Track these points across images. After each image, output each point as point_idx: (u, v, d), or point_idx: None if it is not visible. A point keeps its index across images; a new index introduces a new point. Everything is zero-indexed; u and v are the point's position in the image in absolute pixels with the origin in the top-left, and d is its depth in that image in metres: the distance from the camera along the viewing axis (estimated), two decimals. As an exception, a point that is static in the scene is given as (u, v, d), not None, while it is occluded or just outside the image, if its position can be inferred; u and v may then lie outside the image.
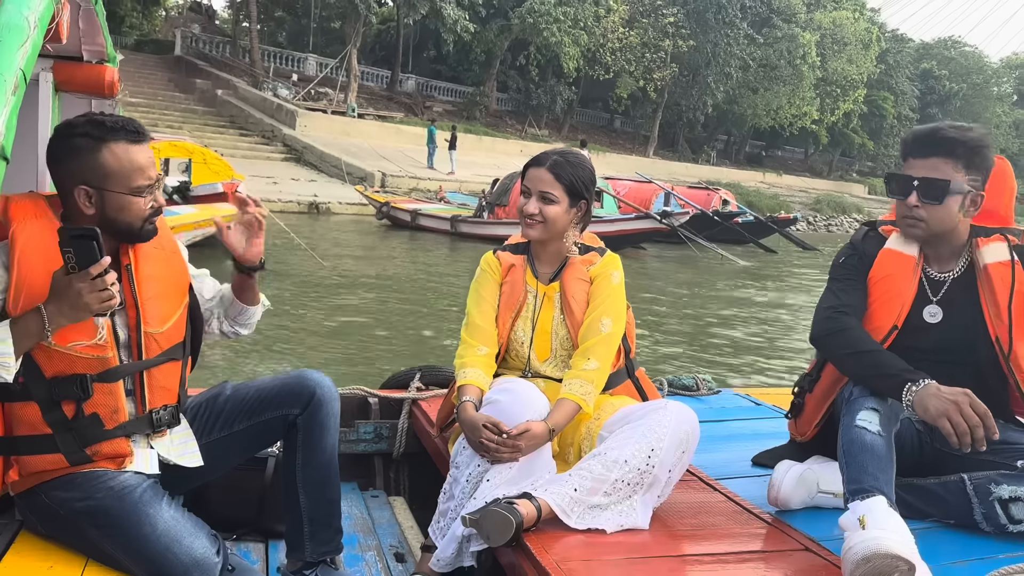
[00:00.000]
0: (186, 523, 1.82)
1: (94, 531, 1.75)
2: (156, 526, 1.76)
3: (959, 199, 2.04)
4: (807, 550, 1.95)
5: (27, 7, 1.24)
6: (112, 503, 1.74)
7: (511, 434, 2.01)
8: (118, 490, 1.76)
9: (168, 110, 28.05)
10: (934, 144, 2.05)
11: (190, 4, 42.88)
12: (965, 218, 2.09)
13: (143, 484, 1.80)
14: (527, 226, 2.29)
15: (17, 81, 1.17)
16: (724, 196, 24.03)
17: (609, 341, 2.24)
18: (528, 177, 2.30)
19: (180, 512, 1.84)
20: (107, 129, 1.77)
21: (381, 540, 2.52)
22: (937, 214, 2.06)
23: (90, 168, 1.76)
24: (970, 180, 2.04)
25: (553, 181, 2.25)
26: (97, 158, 1.76)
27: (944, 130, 2.05)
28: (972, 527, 2.02)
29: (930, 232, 2.10)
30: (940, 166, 2.03)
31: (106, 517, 1.74)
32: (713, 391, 3.42)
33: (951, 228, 2.09)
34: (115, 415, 1.81)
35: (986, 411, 1.82)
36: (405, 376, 3.18)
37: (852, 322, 2.09)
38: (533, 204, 2.26)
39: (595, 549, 1.88)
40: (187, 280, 2.03)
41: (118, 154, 1.78)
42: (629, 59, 38.08)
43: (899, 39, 55.83)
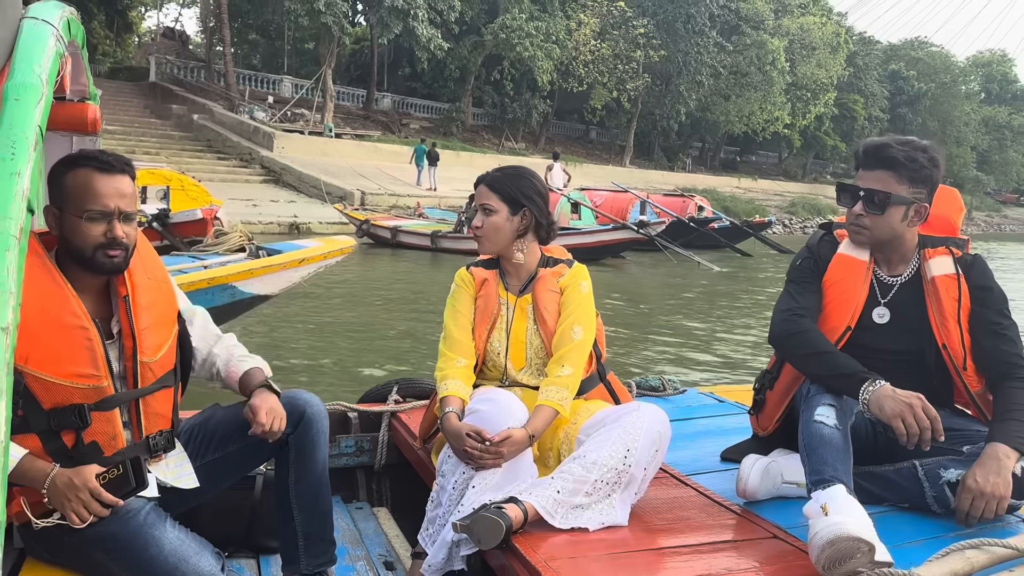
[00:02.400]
0: (191, 542, 1.87)
1: (102, 555, 1.79)
2: (163, 547, 1.80)
3: (902, 210, 2.19)
4: (775, 537, 2.07)
5: (39, 65, 1.31)
6: (118, 527, 1.78)
7: (494, 441, 2.11)
8: (122, 514, 1.78)
9: (145, 136, 27.94)
10: (880, 159, 2.20)
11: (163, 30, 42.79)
12: (910, 228, 2.23)
13: (146, 507, 1.84)
14: (477, 241, 2.46)
15: (37, 138, 1.23)
16: (699, 203, 24.30)
17: (581, 348, 2.35)
18: (475, 196, 2.47)
19: (184, 532, 1.88)
20: (80, 157, 1.87)
21: (369, 550, 2.59)
22: (880, 223, 2.21)
23: (56, 189, 1.85)
24: (914, 193, 2.18)
25: (489, 193, 2.41)
26: (63, 180, 1.84)
27: (890, 146, 2.19)
28: (924, 509, 2.14)
29: (874, 239, 2.25)
30: (885, 179, 2.18)
31: (113, 541, 1.78)
32: (679, 391, 3.52)
33: (895, 236, 2.24)
34: (113, 442, 1.86)
35: (936, 416, 1.98)
36: (383, 389, 3.25)
37: (809, 324, 2.23)
38: (477, 218, 2.43)
39: (580, 547, 1.97)
40: (176, 308, 2.07)
41: (78, 177, 1.83)
42: (602, 71, 38.36)
43: (867, 41, 56.45)
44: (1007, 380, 2.17)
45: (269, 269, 5.87)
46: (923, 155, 2.18)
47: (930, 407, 2.00)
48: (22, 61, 1.29)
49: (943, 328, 2.22)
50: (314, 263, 6.39)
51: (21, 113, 1.22)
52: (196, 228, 11.50)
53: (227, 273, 5.46)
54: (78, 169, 1.84)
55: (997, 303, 2.23)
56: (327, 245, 6.63)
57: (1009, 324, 2.22)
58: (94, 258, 1.85)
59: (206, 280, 5.27)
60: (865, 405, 2.05)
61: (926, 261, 2.27)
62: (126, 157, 1.94)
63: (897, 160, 2.17)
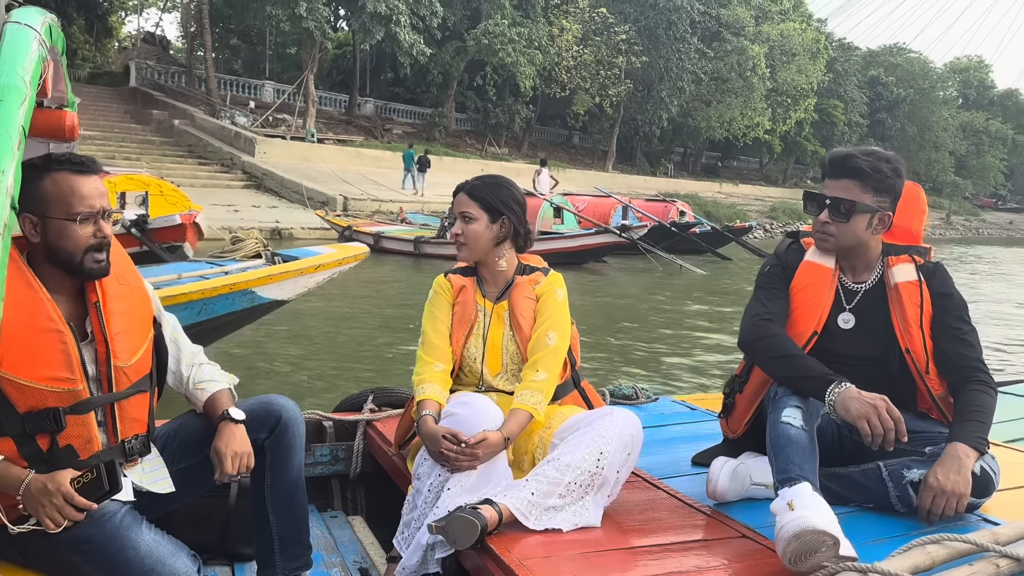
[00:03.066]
0: (167, 544, 1.87)
1: (77, 558, 1.78)
2: (139, 549, 1.80)
3: (866, 218, 2.26)
4: (744, 536, 2.12)
5: (22, 68, 1.33)
6: (93, 530, 1.77)
7: (469, 443, 2.14)
8: (97, 517, 1.78)
9: (125, 142, 27.79)
10: (846, 168, 2.26)
11: (144, 35, 42.55)
12: (875, 235, 2.30)
13: (121, 510, 1.84)
14: (457, 248, 2.51)
15: (20, 137, 1.26)
16: (681, 207, 24.48)
17: (556, 354, 2.41)
18: (454, 205, 2.51)
19: (160, 534, 1.89)
20: (52, 160, 1.86)
21: (345, 557, 2.60)
22: (845, 230, 2.27)
23: (34, 196, 1.82)
24: (878, 201, 2.25)
25: (469, 201, 2.47)
26: (40, 186, 1.83)
27: (855, 157, 2.26)
28: (889, 509, 2.20)
29: (839, 246, 2.31)
30: (850, 188, 2.25)
31: (89, 544, 1.78)
32: (651, 399, 3.58)
33: (860, 244, 2.30)
34: (89, 445, 1.86)
35: (899, 417, 2.05)
36: (358, 399, 3.27)
37: (777, 328, 2.29)
38: (457, 226, 2.48)
39: (553, 547, 2.01)
40: (151, 314, 2.08)
41: (59, 181, 1.84)
42: (584, 76, 38.57)
43: (846, 48, 57.15)
44: (967, 383, 2.24)
45: (287, 275, 5.94)
46: (887, 165, 2.25)
47: (894, 408, 2.06)
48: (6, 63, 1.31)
49: (906, 333, 2.28)
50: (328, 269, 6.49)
51: (5, 113, 1.24)
52: (175, 234, 11.48)
53: (248, 279, 5.54)
54: (56, 173, 1.85)
55: (957, 309, 2.30)
56: (341, 251, 6.74)
57: (969, 329, 2.30)
58: (83, 262, 1.87)
59: (228, 285, 5.34)
60: (831, 406, 2.11)
61: (890, 268, 2.34)
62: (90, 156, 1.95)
63: (862, 170, 2.24)
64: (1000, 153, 70.01)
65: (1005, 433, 3.11)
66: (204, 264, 6.23)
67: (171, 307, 5.00)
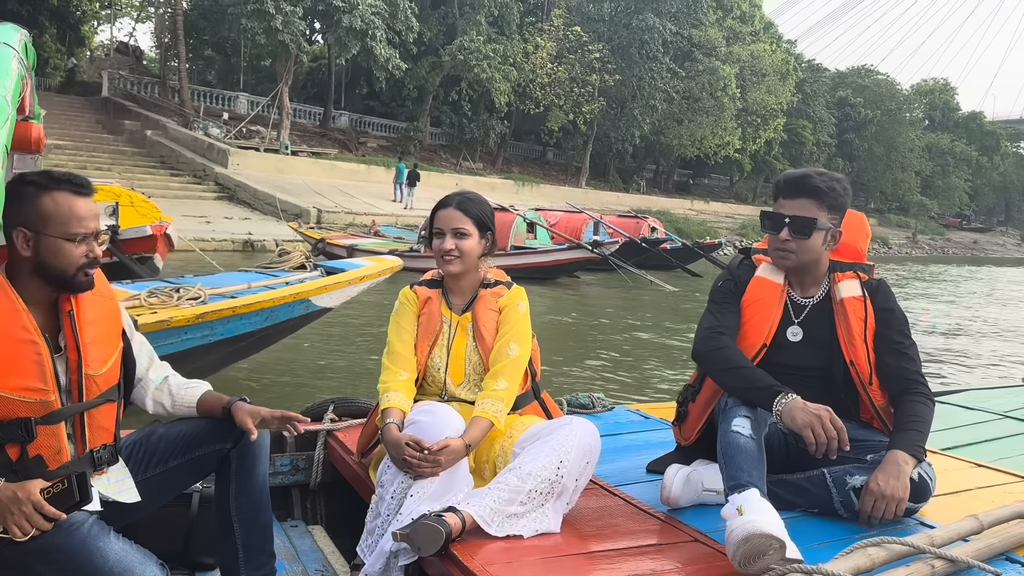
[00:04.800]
0: (135, 554, 1.87)
1: (44, 567, 1.78)
2: (107, 558, 1.80)
3: (823, 235, 2.38)
4: (696, 541, 2.20)
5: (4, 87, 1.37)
6: (61, 540, 1.77)
7: (432, 450, 2.18)
8: (65, 527, 1.77)
9: (96, 152, 27.55)
10: (804, 188, 2.38)
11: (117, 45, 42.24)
12: (826, 251, 2.42)
13: (89, 520, 1.83)
14: (446, 263, 2.52)
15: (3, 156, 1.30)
16: (652, 224, 24.73)
17: (517, 364, 2.47)
18: (439, 219, 2.54)
19: (128, 544, 1.88)
20: (53, 179, 1.89)
21: (306, 566, 2.62)
22: (805, 247, 2.39)
23: (30, 212, 1.85)
24: (832, 219, 2.38)
25: (463, 217, 2.51)
26: (38, 203, 1.86)
27: (812, 177, 2.38)
28: (832, 514, 2.30)
29: (799, 263, 2.43)
30: (808, 206, 2.37)
31: (56, 553, 1.77)
32: (607, 408, 3.65)
33: (816, 259, 2.42)
34: (58, 456, 1.87)
35: (842, 427, 2.16)
36: (319, 408, 3.27)
37: (728, 341, 2.40)
38: (449, 241, 2.50)
39: (515, 552, 2.06)
40: (120, 325, 2.11)
41: (58, 201, 1.87)
42: (558, 93, 38.87)
43: (815, 69, 58.01)
44: (906, 395, 2.36)
45: (339, 285, 6.33)
46: (839, 185, 2.38)
47: (837, 419, 2.17)
48: None
49: (851, 346, 2.39)
50: (370, 280, 6.90)
51: None
52: (145, 244, 11.40)
53: (307, 289, 5.89)
54: (54, 192, 1.88)
55: (899, 324, 2.42)
56: (380, 264, 7.17)
57: (909, 344, 2.42)
58: (75, 278, 1.91)
59: (291, 295, 5.66)
60: (778, 416, 2.22)
61: (836, 284, 2.46)
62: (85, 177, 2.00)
63: (819, 189, 2.36)
64: (965, 174, 71.28)
65: (942, 441, 3.24)
66: (255, 275, 6.46)
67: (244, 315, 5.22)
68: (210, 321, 5.16)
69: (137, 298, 5.21)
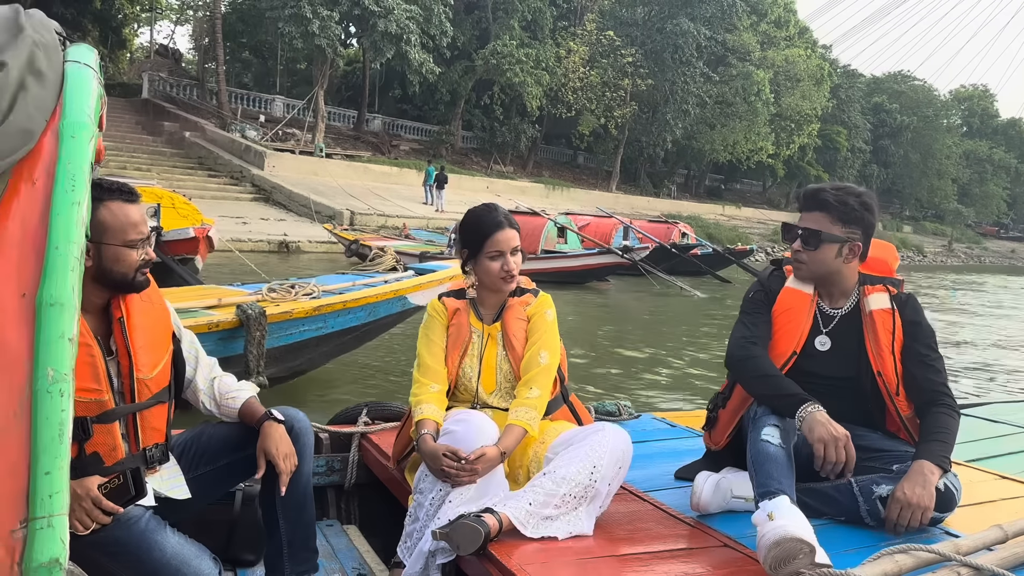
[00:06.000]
0: (191, 547, 1.97)
1: (106, 559, 1.87)
2: (165, 551, 1.90)
3: (835, 248, 2.44)
4: (725, 546, 2.25)
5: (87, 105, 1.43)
6: (121, 533, 1.87)
7: (468, 459, 2.25)
8: (124, 521, 1.87)
9: (137, 152, 28.07)
10: (816, 202, 2.46)
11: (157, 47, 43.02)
12: (847, 264, 2.47)
13: (145, 515, 1.93)
14: (507, 283, 2.58)
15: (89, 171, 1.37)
16: (683, 229, 24.66)
17: (548, 371, 2.53)
18: (498, 242, 2.55)
19: (183, 538, 1.98)
20: (104, 190, 1.98)
21: (344, 564, 2.70)
22: (815, 258, 2.46)
23: (91, 224, 1.98)
24: (847, 232, 2.43)
25: (516, 234, 2.60)
26: (95, 215, 1.92)
27: (824, 191, 2.46)
28: (859, 522, 2.35)
29: (811, 273, 2.50)
30: (820, 219, 2.44)
31: (117, 545, 1.87)
32: (633, 416, 3.70)
33: (831, 271, 2.48)
34: (113, 453, 1.98)
35: (852, 456, 2.23)
36: (352, 412, 3.36)
37: (759, 351, 2.47)
38: (511, 262, 2.56)
39: (550, 554, 2.13)
40: (171, 329, 2.20)
41: (114, 211, 1.97)
42: (590, 97, 38.90)
43: (851, 74, 57.43)
44: (933, 406, 2.40)
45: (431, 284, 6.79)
46: (854, 199, 2.43)
47: (851, 446, 2.23)
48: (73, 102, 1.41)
49: (879, 357, 2.45)
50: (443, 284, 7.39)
51: (77, 149, 1.35)
52: (188, 246, 11.63)
53: (404, 287, 6.34)
54: (110, 203, 1.98)
55: (926, 337, 2.47)
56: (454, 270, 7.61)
57: (936, 356, 2.47)
58: (135, 280, 2.03)
59: (391, 292, 6.10)
60: (800, 422, 2.28)
61: (865, 296, 2.51)
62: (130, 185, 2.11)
63: (829, 203, 2.43)
64: (1003, 182, 70.14)
65: (966, 453, 3.27)
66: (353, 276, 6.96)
67: (350, 310, 5.69)
68: (324, 314, 5.52)
69: (259, 293, 5.75)
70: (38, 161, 1.30)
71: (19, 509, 1.15)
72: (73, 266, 1.23)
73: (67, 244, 1.24)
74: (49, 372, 1.19)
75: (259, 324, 5.11)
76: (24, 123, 1.25)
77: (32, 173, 1.29)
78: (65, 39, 1.50)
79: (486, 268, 2.58)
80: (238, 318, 5.07)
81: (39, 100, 1.30)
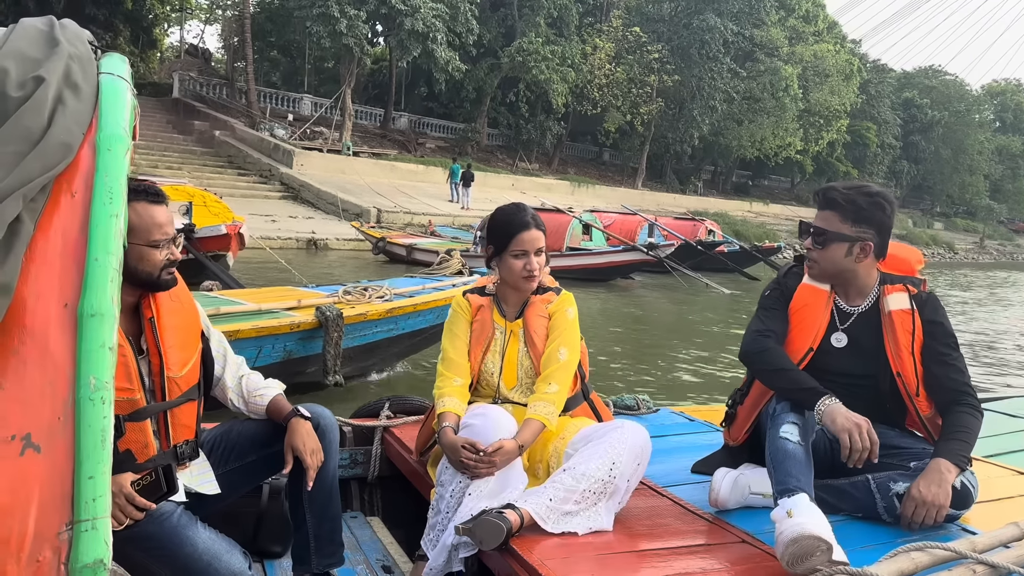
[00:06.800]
0: (222, 542, 2.01)
1: (140, 553, 1.90)
2: (196, 545, 1.94)
3: (844, 246, 2.45)
4: (743, 542, 2.27)
5: (122, 118, 1.44)
6: (154, 528, 1.91)
7: (487, 452, 2.29)
8: (156, 516, 1.91)
9: (168, 151, 28.44)
10: (826, 201, 2.48)
11: (186, 47, 43.52)
12: (859, 263, 2.48)
13: (177, 510, 1.97)
14: (530, 282, 2.61)
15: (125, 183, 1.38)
16: (710, 226, 24.54)
17: (567, 368, 2.56)
18: (522, 241, 2.59)
19: (214, 532, 2.02)
20: (130, 191, 1.99)
21: (368, 555, 2.75)
22: (824, 257, 2.48)
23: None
24: (858, 231, 2.44)
25: (542, 236, 2.63)
26: None
27: (834, 190, 2.47)
28: (876, 518, 2.37)
29: (822, 271, 2.52)
30: (830, 218, 2.46)
31: (150, 541, 1.90)
32: (652, 410, 3.71)
33: (843, 270, 2.49)
34: (145, 450, 2.02)
35: (876, 441, 2.24)
36: (375, 406, 3.40)
37: (773, 344, 2.49)
38: (534, 262, 2.59)
39: (570, 549, 2.16)
40: (199, 328, 2.24)
41: (139, 211, 1.99)
42: (616, 94, 38.78)
43: (880, 69, 56.67)
44: (955, 405, 2.41)
45: None
46: (864, 198, 2.43)
47: (873, 432, 2.25)
48: (108, 115, 1.42)
49: (898, 358, 2.46)
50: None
51: (114, 162, 1.36)
52: (220, 243, 11.87)
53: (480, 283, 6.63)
54: (136, 204, 1.98)
55: (946, 336, 2.48)
56: None
57: (957, 356, 2.47)
58: (160, 278, 2.06)
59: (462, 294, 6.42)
60: (819, 416, 2.30)
61: (885, 296, 2.52)
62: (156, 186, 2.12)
63: (837, 202, 2.44)
64: (1037, 178, 68.90)
65: (985, 448, 3.24)
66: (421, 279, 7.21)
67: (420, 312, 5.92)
68: (395, 316, 5.73)
69: (335, 296, 6.00)
70: (76, 174, 1.32)
71: (65, 512, 1.18)
72: (112, 277, 1.25)
73: (106, 255, 1.26)
74: (91, 380, 1.21)
75: (337, 325, 5.34)
76: (63, 137, 1.27)
77: (71, 186, 1.31)
78: (97, 48, 1.52)
79: (510, 266, 2.62)
80: (317, 319, 5.29)
81: (77, 114, 1.32)
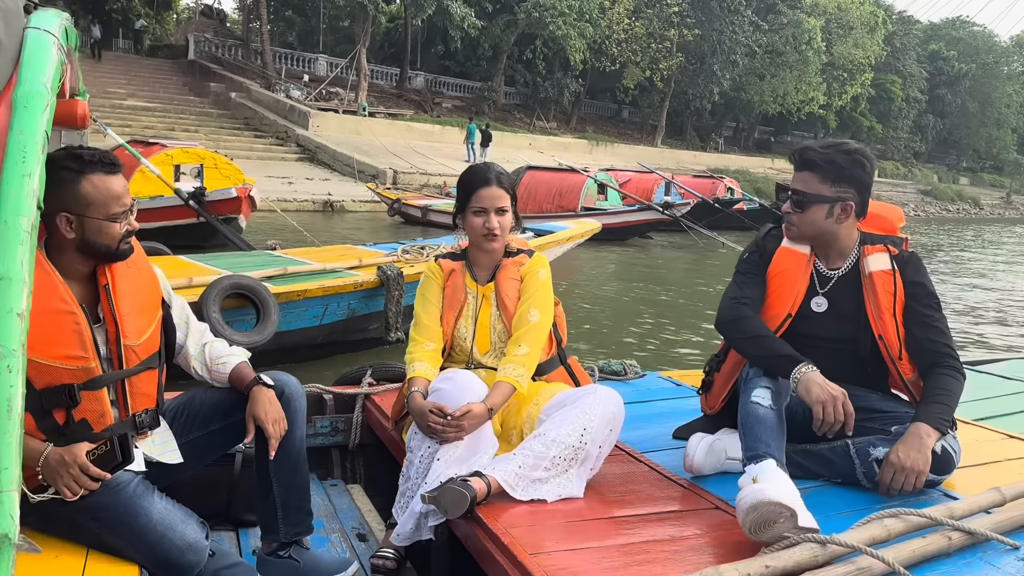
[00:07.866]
0: (177, 512, 1.97)
1: (94, 523, 1.88)
2: (151, 516, 1.90)
3: (824, 208, 2.37)
4: (717, 508, 2.24)
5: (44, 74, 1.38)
6: (108, 499, 1.87)
7: (454, 416, 2.27)
8: (112, 487, 1.87)
9: (184, 114, 28.48)
10: (803, 161, 2.39)
11: (202, 8, 43.28)
12: (840, 224, 2.40)
13: (134, 480, 1.92)
14: (490, 241, 2.55)
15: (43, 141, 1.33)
16: (729, 184, 24.22)
17: (538, 330, 2.52)
18: (481, 198, 2.55)
19: (170, 502, 1.98)
20: (85, 163, 1.94)
21: (343, 523, 2.74)
22: (803, 219, 2.40)
23: (71, 197, 1.91)
24: (838, 191, 2.35)
25: (504, 194, 2.56)
26: (78, 188, 1.91)
27: (812, 150, 2.38)
28: (855, 484, 2.32)
29: (801, 234, 2.44)
30: (808, 179, 2.38)
31: (104, 511, 1.87)
32: (639, 375, 3.68)
33: (822, 232, 2.41)
34: (102, 419, 1.97)
35: (851, 413, 2.19)
36: (357, 373, 3.38)
37: (749, 312, 2.42)
38: (493, 220, 2.54)
39: (538, 516, 2.13)
40: (159, 295, 2.19)
41: (96, 184, 1.94)
42: (635, 50, 38.18)
43: (906, 21, 55.37)
44: (936, 367, 2.35)
45: (551, 244, 7.53)
46: (843, 156, 2.34)
47: (849, 404, 2.19)
48: (29, 70, 1.37)
49: (879, 320, 2.39)
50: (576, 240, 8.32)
51: (30, 120, 1.30)
52: (230, 206, 11.89)
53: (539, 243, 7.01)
54: (91, 176, 1.95)
55: (928, 297, 2.40)
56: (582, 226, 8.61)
57: (939, 317, 2.40)
58: (118, 249, 2.02)
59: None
60: (795, 383, 2.25)
61: (865, 257, 2.44)
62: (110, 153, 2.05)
63: (815, 162, 2.36)
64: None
65: (977, 411, 3.18)
66: None
67: None
68: None
69: (395, 255, 6.28)
70: None
71: None
72: (23, 240, 1.20)
73: (16, 217, 1.21)
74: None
75: (397, 284, 5.59)
76: None
77: None
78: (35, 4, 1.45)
79: (470, 223, 2.58)
80: (379, 278, 5.51)
81: None
